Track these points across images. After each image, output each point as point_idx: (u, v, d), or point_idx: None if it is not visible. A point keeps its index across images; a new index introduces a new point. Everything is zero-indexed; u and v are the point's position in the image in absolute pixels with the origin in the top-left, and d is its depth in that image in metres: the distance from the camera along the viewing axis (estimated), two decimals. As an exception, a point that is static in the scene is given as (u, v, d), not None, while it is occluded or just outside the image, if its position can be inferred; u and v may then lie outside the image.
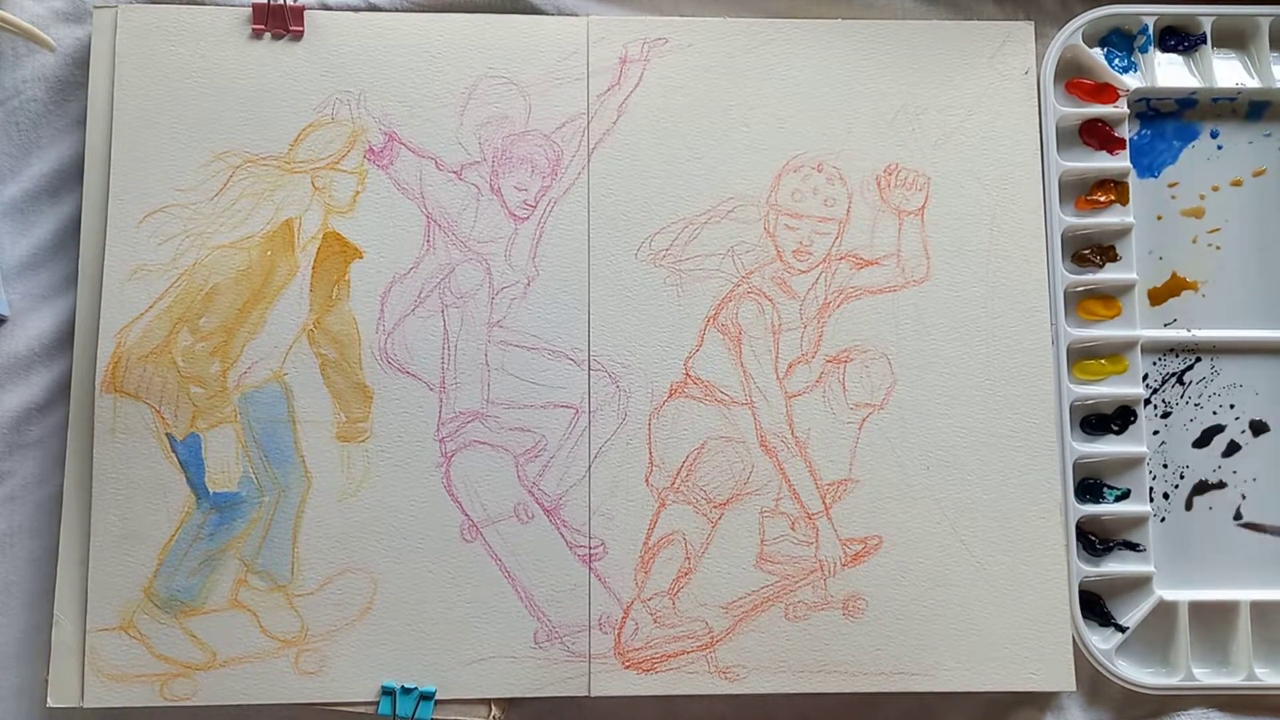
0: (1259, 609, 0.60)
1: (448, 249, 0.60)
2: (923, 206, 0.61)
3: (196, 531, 0.57)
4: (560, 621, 0.57)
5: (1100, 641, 0.59)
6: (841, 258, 0.61)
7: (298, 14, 0.61)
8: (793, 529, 0.59)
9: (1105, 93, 0.63)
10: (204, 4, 0.62)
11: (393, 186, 0.60)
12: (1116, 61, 0.63)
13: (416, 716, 0.56)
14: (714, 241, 0.61)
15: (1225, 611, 0.60)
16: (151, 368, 0.58)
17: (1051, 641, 0.58)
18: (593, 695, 0.57)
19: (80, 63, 0.61)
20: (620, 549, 0.58)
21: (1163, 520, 0.61)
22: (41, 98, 0.61)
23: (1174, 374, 0.62)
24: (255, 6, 0.61)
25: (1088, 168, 0.62)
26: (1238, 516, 0.61)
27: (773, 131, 0.62)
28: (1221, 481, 0.62)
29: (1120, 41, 0.64)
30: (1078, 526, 0.59)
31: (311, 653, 0.57)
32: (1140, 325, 0.62)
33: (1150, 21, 0.63)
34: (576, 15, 0.62)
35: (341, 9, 0.62)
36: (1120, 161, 0.62)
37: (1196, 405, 0.62)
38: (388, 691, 0.56)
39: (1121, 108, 0.63)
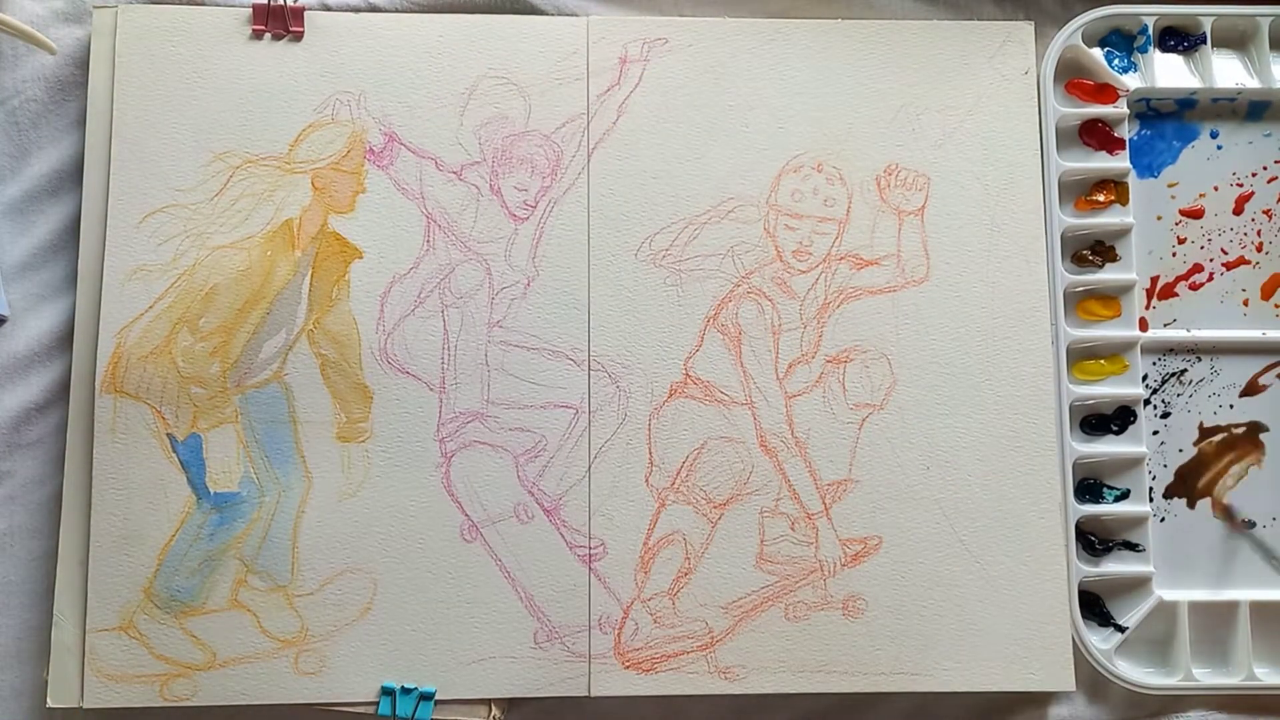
0: (1259, 609, 0.60)
1: (448, 249, 0.60)
2: (923, 206, 0.61)
3: (197, 532, 0.57)
4: (560, 621, 0.57)
5: (1100, 642, 0.59)
6: (841, 258, 0.61)
7: (298, 14, 0.61)
8: (793, 529, 0.59)
9: (1105, 93, 0.63)
10: (204, 4, 0.62)
11: (393, 187, 0.60)
12: (1116, 62, 0.63)
13: (416, 717, 0.56)
14: (714, 241, 0.61)
15: (1225, 611, 0.60)
16: (152, 368, 0.58)
17: (1051, 641, 0.58)
18: (593, 695, 0.57)
19: (80, 63, 0.61)
20: (620, 549, 0.58)
21: (1162, 520, 0.61)
22: (41, 98, 0.61)
23: (1174, 374, 0.62)
24: (255, 7, 0.61)
25: (1088, 168, 0.62)
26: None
27: (773, 131, 0.62)
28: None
29: (1120, 42, 0.64)
30: (1077, 526, 0.59)
31: (311, 653, 0.57)
32: (1140, 325, 0.62)
33: (1150, 22, 0.63)
34: (576, 15, 0.62)
35: (341, 9, 0.62)
36: (1120, 162, 0.62)
37: (1196, 405, 0.62)
38: (388, 691, 0.56)
39: (1121, 108, 0.63)
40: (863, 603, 0.58)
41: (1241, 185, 0.64)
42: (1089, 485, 0.61)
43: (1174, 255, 0.63)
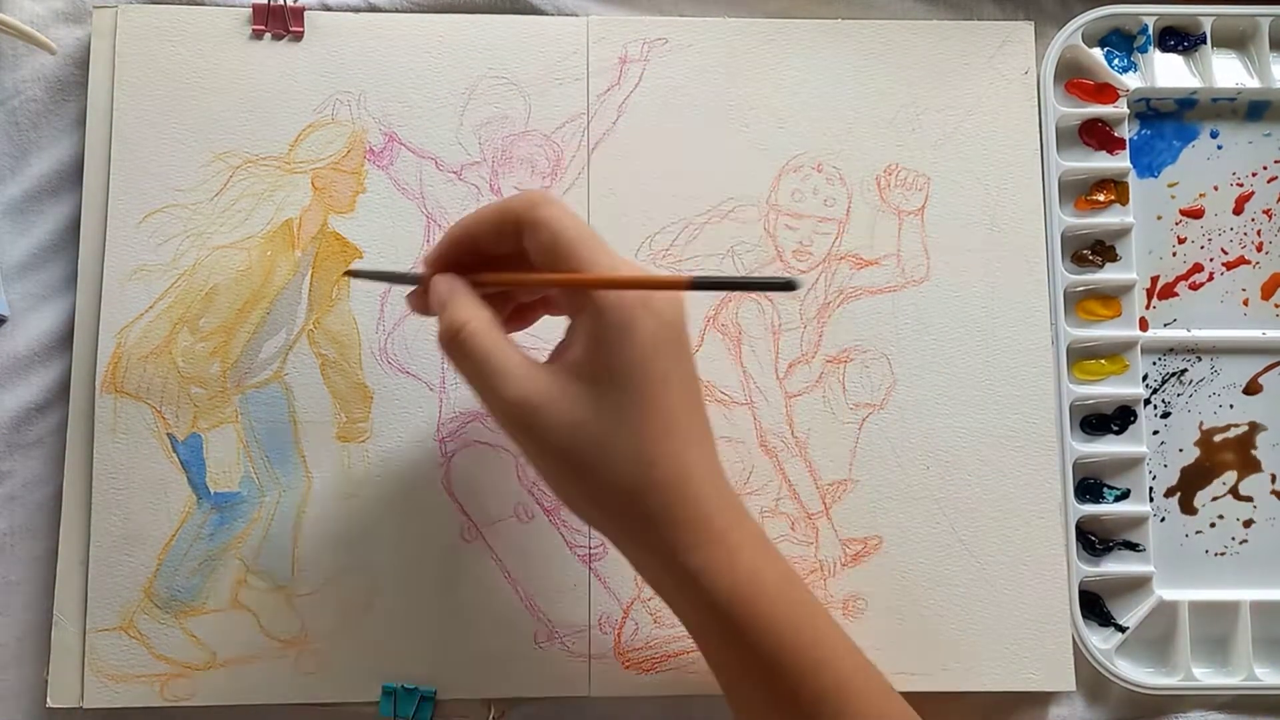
0: (1259, 609, 0.60)
1: (448, 249, 0.60)
2: (923, 206, 0.61)
3: (197, 531, 0.57)
4: (560, 621, 0.57)
5: (1100, 641, 0.59)
6: (841, 258, 0.61)
7: (298, 14, 0.61)
8: (793, 529, 0.59)
9: (1105, 93, 0.63)
10: (204, 4, 0.62)
11: (393, 187, 0.60)
12: (1116, 61, 0.63)
13: (416, 717, 0.56)
14: (714, 241, 0.61)
15: (1225, 611, 0.60)
16: (152, 368, 0.58)
17: (1051, 641, 0.58)
18: (593, 695, 0.57)
19: (80, 63, 0.61)
20: (620, 549, 0.58)
21: (1163, 520, 0.61)
22: (41, 98, 0.61)
23: (1174, 374, 0.62)
24: (255, 7, 0.61)
25: (1088, 168, 0.62)
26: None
27: (773, 131, 0.62)
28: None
29: (1120, 41, 0.64)
30: (1078, 526, 0.59)
31: (311, 653, 0.57)
32: (1140, 325, 0.62)
33: (1150, 21, 0.63)
34: (576, 15, 0.62)
35: (341, 9, 0.62)
36: (1120, 161, 0.62)
37: (1196, 405, 0.62)
38: (388, 692, 0.56)
39: (1121, 108, 0.63)
40: (863, 603, 0.58)
41: (1241, 185, 0.64)
42: (1089, 485, 0.61)
43: (1174, 255, 0.63)
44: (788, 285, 0.39)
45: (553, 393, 0.44)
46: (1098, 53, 0.63)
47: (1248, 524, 0.61)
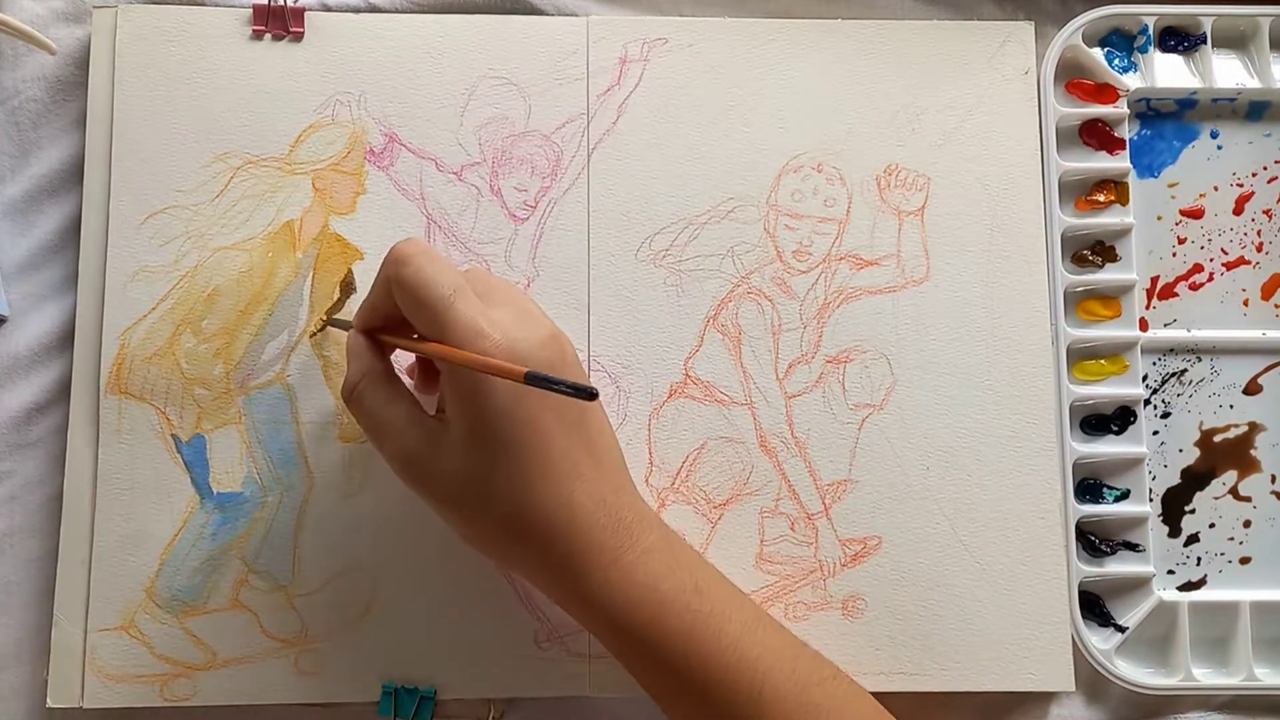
0: (1259, 609, 0.60)
1: (448, 250, 0.60)
2: (923, 207, 0.61)
3: (199, 531, 0.57)
4: (560, 621, 0.57)
5: (1100, 642, 0.59)
6: (841, 258, 0.61)
7: (298, 15, 0.61)
8: (792, 529, 0.59)
9: (1105, 93, 0.63)
10: (204, 4, 0.62)
11: (393, 188, 0.60)
12: (1116, 61, 0.63)
13: (416, 717, 0.56)
14: (714, 241, 0.61)
15: (1225, 611, 0.60)
16: (155, 369, 0.58)
17: (1051, 642, 0.58)
18: (593, 695, 0.57)
19: (80, 63, 0.61)
20: (620, 549, 0.58)
21: (1163, 520, 0.61)
22: (41, 98, 0.61)
23: (1174, 374, 0.62)
24: (255, 7, 0.61)
25: (1088, 168, 0.62)
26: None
27: (773, 131, 0.62)
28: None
29: (1120, 41, 0.64)
30: (1077, 527, 0.59)
31: (311, 653, 0.57)
32: (1140, 325, 0.62)
33: (1150, 21, 0.63)
34: (576, 15, 0.62)
35: (341, 9, 0.62)
36: (1120, 162, 0.62)
37: (1196, 406, 0.62)
38: (388, 692, 0.56)
39: (1121, 108, 0.63)
40: (863, 603, 0.58)
41: (1241, 185, 0.64)
42: (1089, 485, 0.61)
43: (1174, 255, 0.63)
44: (590, 395, 0.41)
45: (433, 446, 0.47)
46: (1098, 53, 0.63)
47: (1247, 524, 0.61)
